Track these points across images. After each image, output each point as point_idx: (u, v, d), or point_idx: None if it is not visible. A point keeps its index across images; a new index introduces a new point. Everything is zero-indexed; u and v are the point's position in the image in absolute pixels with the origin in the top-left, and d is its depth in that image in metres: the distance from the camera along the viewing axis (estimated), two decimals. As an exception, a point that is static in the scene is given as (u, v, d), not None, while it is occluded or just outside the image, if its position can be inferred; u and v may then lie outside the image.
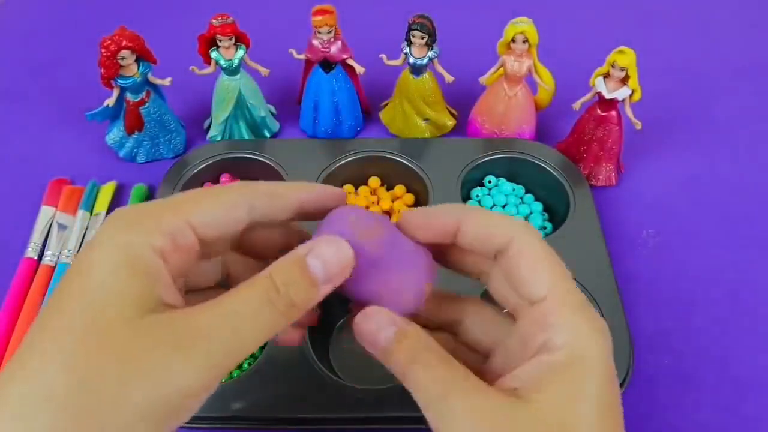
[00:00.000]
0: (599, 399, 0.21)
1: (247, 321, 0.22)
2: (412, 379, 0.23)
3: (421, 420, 0.23)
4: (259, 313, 0.22)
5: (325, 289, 0.24)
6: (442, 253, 0.28)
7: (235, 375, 0.44)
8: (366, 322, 0.24)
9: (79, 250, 0.51)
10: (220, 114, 0.58)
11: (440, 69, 0.57)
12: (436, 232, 0.26)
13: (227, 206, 0.24)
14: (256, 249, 0.28)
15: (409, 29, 0.53)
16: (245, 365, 0.45)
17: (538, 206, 0.54)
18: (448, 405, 0.22)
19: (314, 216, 0.27)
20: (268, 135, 0.61)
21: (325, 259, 0.23)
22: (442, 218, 0.26)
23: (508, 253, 0.24)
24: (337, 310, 0.47)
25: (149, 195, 0.56)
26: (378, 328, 0.24)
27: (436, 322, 0.28)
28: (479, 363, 0.26)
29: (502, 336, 0.25)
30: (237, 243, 0.27)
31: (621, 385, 0.41)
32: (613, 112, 0.53)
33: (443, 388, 0.22)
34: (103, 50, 0.51)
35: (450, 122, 0.61)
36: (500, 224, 0.25)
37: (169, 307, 0.22)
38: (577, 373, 0.21)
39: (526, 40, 0.52)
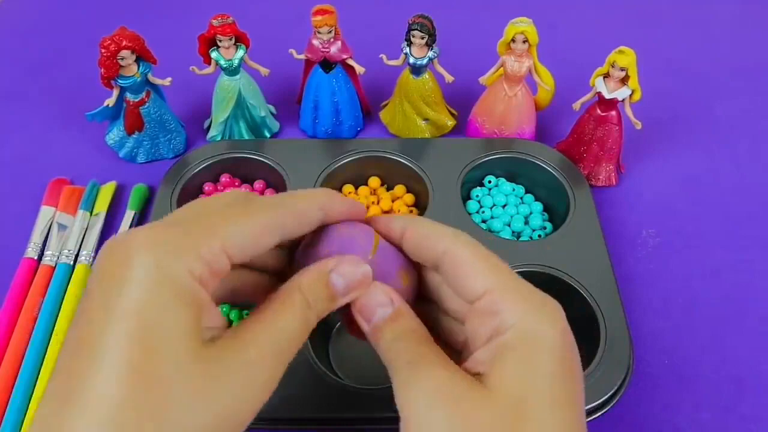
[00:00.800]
0: (553, 373, 0.22)
1: (294, 338, 0.24)
2: (391, 350, 0.25)
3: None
4: (300, 328, 0.24)
5: (343, 301, 0.26)
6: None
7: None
8: (367, 296, 0.26)
9: (79, 250, 0.51)
10: (220, 114, 0.58)
11: (440, 69, 0.57)
12: (392, 239, 0.28)
13: (261, 231, 0.24)
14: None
15: (409, 29, 0.53)
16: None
17: (538, 206, 0.54)
18: (414, 373, 0.23)
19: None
20: (268, 135, 0.61)
21: (347, 278, 0.25)
22: (389, 226, 0.28)
23: (445, 260, 0.26)
24: (336, 310, 0.47)
25: (149, 195, 0.56)
26: (377, 303, 0.26)
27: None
28: (460, 343, 0.28)
29: (477, 286, 0.26)
30: None
31: (621, 385, 0.41)
32: (613, 112, 0.53)
33: (413, 357, 0.24)
34: (103, 50, 0.51)
35: (450, 122, 0.61)
36: (434, 234, 0.26)
37: (215, 334, 0.22)
38: (528, 350, 0.22)
39: (526, 40, 0.52)
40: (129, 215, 0.53)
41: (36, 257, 0.50)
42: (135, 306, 0.20)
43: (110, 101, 0.54)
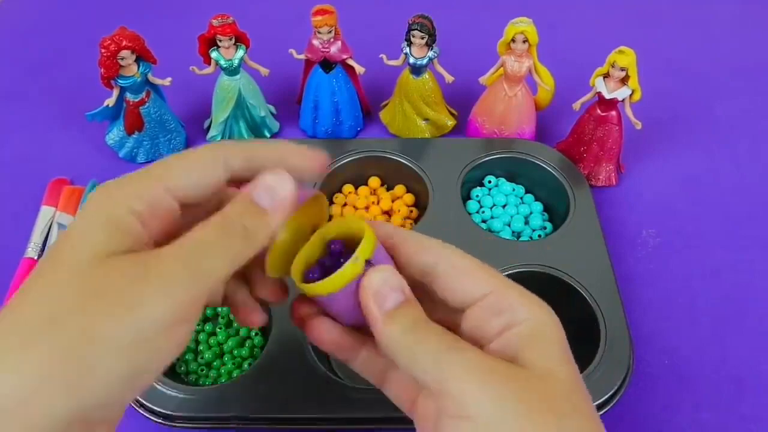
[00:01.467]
0: (565, 353, 0.25)
1: (208, 248, 0.23)
2: (406, 346, 0.25)
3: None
4: (219, 240, 0.24)
5: (276, 217, 0.25)
6: None
7: (235, 375, 0.44)
8: (378, 279, 0.25)
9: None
10: (220, 114, 0.58)
11: (440, 69, 0.57)
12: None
13: (201, 165, 0.25)
14: None
15: (409, 29, 0.53)
16: (245, 365, 0.45)
17: (538, 206, 0.54)
18: (458, 355, 0.24)
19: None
20: (268, 135, 0.61)
21: (271, 190, 0.25)
22: (381, 231, 0.28)
23: (439, 269, 0.27)
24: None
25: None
26: (392, 288, 0.25)
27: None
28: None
29: (476, 290, 0.27)
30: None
31: (621, 385, 0.41)
32: (613, 112, 0.53)
33: (450, 342, 0.24)
34: (103, 50, 0.51)
35: (450, 122, 0.61)
36: (425, 244, 0.27)
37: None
38: (544, 340, 0.25)
39: (526, 40, 0.52)
40: (129, 215, 0.53)
41: (36, 257, 0.50)
42: (70, 228, 0.23)
43: (110, 101, 0.54)
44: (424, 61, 0.55)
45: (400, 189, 0.55)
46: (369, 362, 0.29)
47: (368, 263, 0.26)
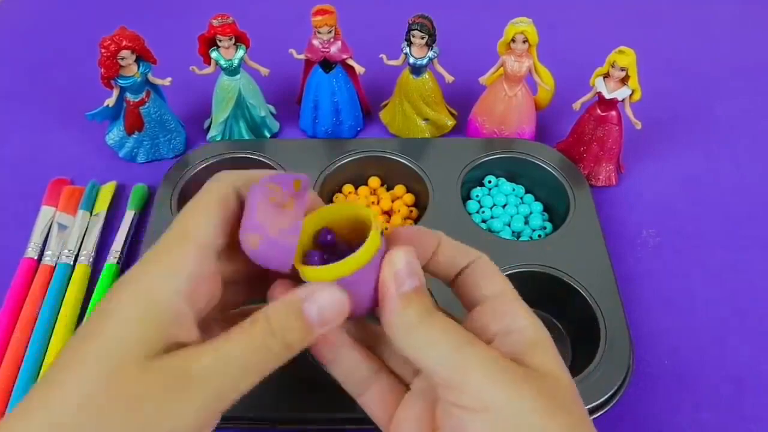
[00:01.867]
0: (566, 367, 0.26)
1: (241, 366, 0.23)
2: (422, 333, 0.25)
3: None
4: (254, 357, 0.24)
5: (320, 331, 0.25)
6: None
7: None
8: (402, 260, 0.26)
9: (79, 250, 0.51)
10: (220, 114, 0.58)
11: (440, 69, 0.57)
12: (423, 249, 0.28)
13: (216, 206, 0.26)
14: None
15: (409, 29, 0.53)
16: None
17: (538, 206, 0.54)
18: (467, 356, 0.24)
19: None
20: (268, 135, 0.61)
21: (321, 305, 0.24)
22: (424, 237, 0.28)
23: (468, 269, 0.28)
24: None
25: (149, 195, 0.56)
26: (410, 271, 0.26)
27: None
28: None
29: (488, 292, 0.28)
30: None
31: (621, 385, 0.41)
32: (613, 112, 0.53)
33: (466, 337, 0.25)
34: (103, 50, 0.51)
35: (450, 122, 0.61)
36: (466, 249, 0.29)
37: (182, 347, 0.23)
38: (545, 347, 0.26)
39: (526, 40, 0.52)
40: (129, 215, 0.53)
41: (36, 257, 0.50)
42: (110, 309, 0.23)
43: (110, 101, 0.54)
44: (424, 61, 0.55)
45: (400, 189, 0.55)
46: (352, 366, 0.29)
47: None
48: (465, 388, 0.24)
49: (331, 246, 0.27)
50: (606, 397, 0.40)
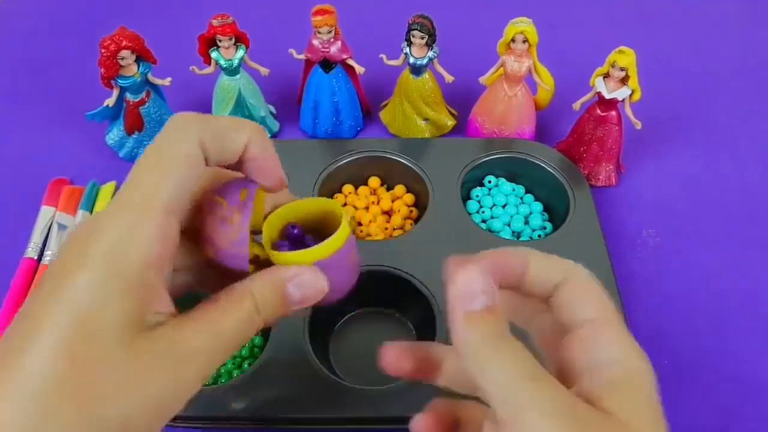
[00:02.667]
0: (654, 406, 0.23)
1: (230, 341, 0.23)
2: (484, 357, 0.23)
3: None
4: (243, 331, 0.24)
5: (293, 310, 0.25)
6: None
7: (235, 375, 0.44)
8: (462, 280, 0.24)
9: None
10: (220, 114, 0.58)
11: (440, 69, 0.57)
12: (508, 268, 0.26)
13: (184, 169, 0.23)
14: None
15: (409, 29, 0.53)
16: (245, 365, 0.45)
17: (538, 206, 0.54)
18: (526, 393, 0.22)
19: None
20: (268, 135, 0.61)
21: (304, 286, 0.25)
22: (510, 258, 0.26)
23: (564, 287, 0.25)
24: (336, 310, 0.47)
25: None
26: (478, 288, 0.24)
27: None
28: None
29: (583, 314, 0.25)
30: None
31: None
32: (613, 112, 0.53)
33: (534, 372, 0.22)
34: (103, 50, 0.51)
35: (450, 122, 0.61)
36: (557, 262, 0.26)
37: (161, 321, 0.22)
38: (635, 390, 0.23)
39: (526, 40, 0.52)
40: (129, 215, 0.53)
41: (36, 257, 0.50)
42: (80, 294, 0.21)
43: (110, 101, 0.54)
44: (424, 61, 0.55)
45: (400, 189, 0.55)
46: (456, 374, 0.27)
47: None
48: (517, 426, 0.21)
49: (298, 238, 0.27)
50: (606, 397, 0.40)
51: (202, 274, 0.27)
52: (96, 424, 0.20)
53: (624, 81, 0.51)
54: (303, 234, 0.27)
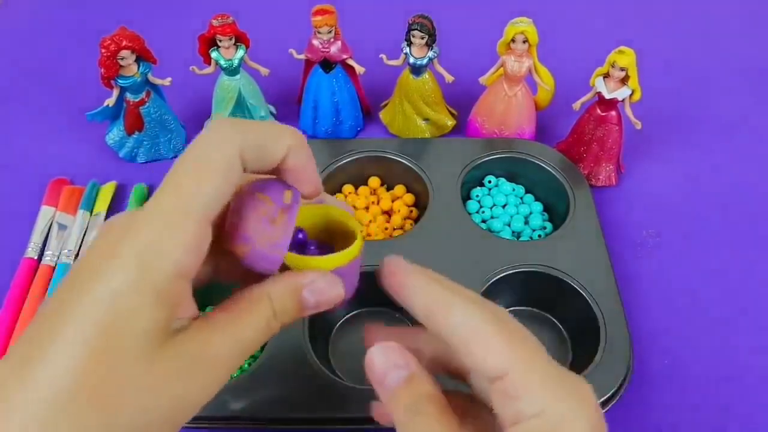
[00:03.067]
0: None
1: (249, 346, 0.24)
2: (410, 424, 0.24)
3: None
4: (261, 337, 0.24)
5: (306, 315, 0.26)
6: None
7: (235, 375, 0.44)
8: (379, 356, 0.25)
9: (79, 250, 0.51)
10: (220, 114, 0.58)
11: (440, 69, 0.57)
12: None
13: (222, 175, 0.23)
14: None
15: (409, 29, 0.53)
16: (245, 365, 0.45)
17: (538, 206, 0.54)
18: None
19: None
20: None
21: (319, 295, 0.25)
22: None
23: (460, 334, 0.24)
24: (336, 310, 0.47)
25: (149, 195, 0.56)
26: (391, 365, 0.25)
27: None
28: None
29: (494, 365, 0.24)
30: None
31: (621, 385, 0.41)
32: (613, 112, 0.53)
33: None
34: (103, 50, 0.51)
35: (450, 122, 0.61)
36: (445, 300, 0.24)
37: (183, 326, 0.23)
38: None
39: (526, 40, 0.52)
40: (129, 215, 0.53)
41: (36, 257, 0.50)
42: (109, 297, 0.20)
43: (110, 101, 0.54)
44: (424, 61, 0.55)
45: (400, 189, 0.55)
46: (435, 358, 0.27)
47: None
48: None
49: (302, 244, 0.27)
50: (606, 397, 0.40)
51: (219, 265, 0.27)
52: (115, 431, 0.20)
53: (624, 81, 0.51)
54: (307, 240, 0.27)
